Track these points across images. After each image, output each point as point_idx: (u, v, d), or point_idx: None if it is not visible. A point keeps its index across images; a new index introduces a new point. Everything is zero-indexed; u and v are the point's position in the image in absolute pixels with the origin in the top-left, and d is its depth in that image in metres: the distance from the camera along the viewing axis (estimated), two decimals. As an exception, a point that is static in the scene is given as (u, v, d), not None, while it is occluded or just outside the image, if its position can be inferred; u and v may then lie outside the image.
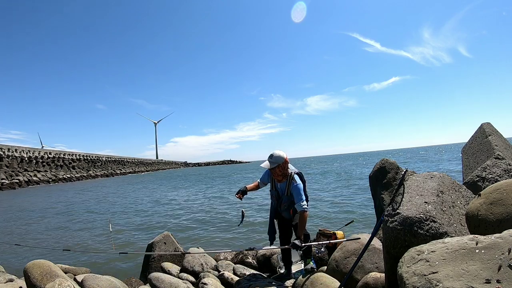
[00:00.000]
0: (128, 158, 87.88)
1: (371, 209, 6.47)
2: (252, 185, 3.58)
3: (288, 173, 3.32)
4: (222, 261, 4.53)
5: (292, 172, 3.33)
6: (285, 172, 3.30)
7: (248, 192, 3.47)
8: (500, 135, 4.23)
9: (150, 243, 4.81)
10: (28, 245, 7.52)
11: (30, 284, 3.13)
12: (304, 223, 3.17)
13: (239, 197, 3.39)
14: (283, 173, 3.30)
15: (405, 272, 1.57)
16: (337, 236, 4.12)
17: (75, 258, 6.22)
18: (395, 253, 2.04)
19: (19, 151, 43.01)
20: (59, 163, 50.07)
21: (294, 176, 3.30)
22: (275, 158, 3.24)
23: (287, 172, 3.32)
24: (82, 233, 8.77)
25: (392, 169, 3.90)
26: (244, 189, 3.44)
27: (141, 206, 14.38)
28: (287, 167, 3.31)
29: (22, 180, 36.22)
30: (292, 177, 3.29)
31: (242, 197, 3.40)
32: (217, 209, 11.59)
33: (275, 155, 3.25)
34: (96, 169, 61.28)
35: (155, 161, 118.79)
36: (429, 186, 2.30)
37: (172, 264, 4.47)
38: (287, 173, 3.32)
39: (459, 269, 1.43)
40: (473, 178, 3.44)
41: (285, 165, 3.28)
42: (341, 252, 3.21)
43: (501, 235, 1.48)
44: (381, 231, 2.84)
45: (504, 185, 1.99)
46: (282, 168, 3.26)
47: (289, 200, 3.31)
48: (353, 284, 2.72)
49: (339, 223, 6.93)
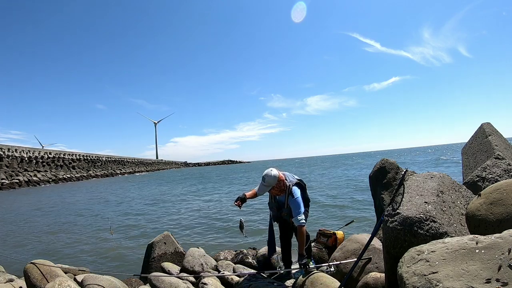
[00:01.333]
0: (128, 158, 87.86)
1: (371, 209, 6.48)
2: (251, 192, 3.45)
3: (285, 186, 3.25)
4: (222, 261, 4.53)
5: (290, 185, 3.25)
6: (282, 188, 3.25)
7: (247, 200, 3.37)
8: (500, 135, 4.23)
9: (150, 243, 4.80)
10: (29, 244, 7.53)
11: (30, 284, 3.13)
12: (303, 239, 3.10)
13: (238, 204, 3.27)
14: (280, 189, 3.25)
15: (405, 272, 1.57)
16: (337, 236, 4.12)
17: (75, 258, 6.22)
18: (395, 253, 2.04)
19: (19, 151, 43.00)
20: (59, 163, 50.06)
21: (293, 188, 3.23)
22: (268, 181, 3.19)
23: (285, 186, 3.25)
24: (83, 233, 8.77)
25: (392, 169, 3.90)
26: (243, 196, 3.30)
27: (141, 206, 14.38)
28: (283, 183, 3.25)
29: (22, 180, 36.21)
30: (291, 190, 3.22)
31: (241, 205, 3.29)
32: (217, 209, 11.59)
33: (267, 179, 3.19)
34: (96, 169, 61.27)
35: (155, 161, 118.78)
36: (429, 186, 2.30)
37: (172, 264, 4.47)
38: (285, 187, 3.26)
39: (459, 269, 1.43)
40: (473, 178, 3.44)
41: (280, 183, 3.22)
42: (341, 252, 3.21)
43: (501, 235, 1.48)
44: (381, 231, 2.84)
45: (504, 185, 1.99)
46: (278, 186, 3.22)
47: (290, 211, 3.26)
48: (353, 284, 2.72)
49: (339, 223, 6.93)
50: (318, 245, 4.15)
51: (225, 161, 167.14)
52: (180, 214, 11.23)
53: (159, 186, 28.28)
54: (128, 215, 11.83)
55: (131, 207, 14.23)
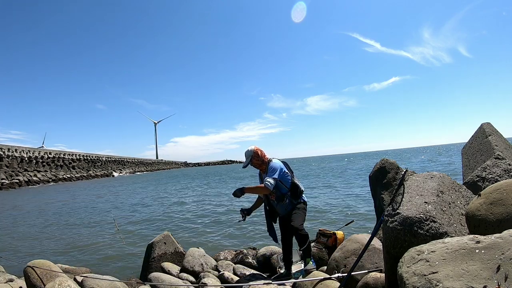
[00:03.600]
0: (128, 158, 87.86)
1: (371, 209, 6.47)
2: (256, 203, 3.70)
3: (266, 160, 3.48)
4: (222, 261, 4.53)
5: (271, 158, 3.50)
6: (263, 160, 3.47)
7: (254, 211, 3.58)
8: (500, 135, 4.23)
9: (150, 243, 4.80)
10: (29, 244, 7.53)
11: (30, 284, 3.13)
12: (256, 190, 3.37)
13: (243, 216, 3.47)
14: (262, 161, 3.47)
15: (405, 272, 1.57)
16: (337, 236, 4.12)
17: (75, 258, 6.22)
18: (395, 253, 2.04)
19: (19, 151, 42.99)
20: (59, 163, 50.07)
21: (272, 159, 3.48)
22: (246, 154, 3.49)
23: (265, 159, 3.48)
24: (83, 233, 8.77)
25: (392, 169, 3.90)
26: (250, 208, 3.57)
27: (141, 206, 14.38)
28: (263, 156, 3.48)
29: (22, 180, 36.22)
30: (270, 160, 3.46)
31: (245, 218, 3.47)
32: (217, 209, 11.59)
33: (245, 152, 3.50)
34: (96, 169, 61.27)
35: (155, 161, 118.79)
36: (429, 186, 2.30)
37: (172, 264, 4.47)
38: (266, 160, 3.47)
39: (459, 269, 1.43)
40: (473, 178, 3.44)
41: (258, 154, 3.46)
42: (341, 252, 3.21)
43: (501, 235, 1.48)
44: (381, 231, 2.84)
45: (504, 185, 1.99)
46: (258, 158, 3.47)
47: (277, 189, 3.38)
48: (353, 284, 2.72)
49: (339, 223, 6.93)
50: (318, 245, 4.14)
51: (225, 161, 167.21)
52: (180, 214, 11.23)
53: (159, 186, 28.28)
54: (128, 215, 11.83)
55: (131, 207, 14.22)
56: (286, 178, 3.42)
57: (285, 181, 3.41)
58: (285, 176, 3.41)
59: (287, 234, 3.58)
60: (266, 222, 3.67)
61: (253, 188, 3.37)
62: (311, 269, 3.29)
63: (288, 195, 3.42)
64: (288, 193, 3.42)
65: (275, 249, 4.62)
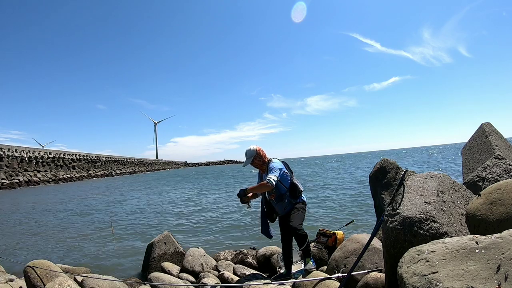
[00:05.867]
0: (128, 158, 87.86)
1: (371, 209, 6.47)
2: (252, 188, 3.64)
3: (267, 160, 3.52)
4: (222, 261, 4.53)
5: (271, 158, 3.54)
6: (264, 160, 3.51)
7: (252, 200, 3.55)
8: (500, 135, 4.23)
9: (150, 243, 4.81)
10: (29, 244, 7.53)
11: (30, 284, 3.13)
12: (259, 188, 3.32)
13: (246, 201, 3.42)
14: (263, 161, 3.51)
15: (405, 272, 1.57)
16: (337, 236, 4.12)
17: (75, 258, 6.22)
18: (395, 253, 2.04)
19: (19, 151, 42.99)
20: (59, 163, 50.06)
21: (272, 159, 3.52)
22: (248, 153, 3.51)
23: (266, 160, 3.52)
24: (83, 233, 8.77)
25: (392, 169, 3.90)
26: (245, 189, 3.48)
27: (141, 206, 14.38)
28: (264, 156, 3.52)
29: (22, 180, 36.21)
30: (270, 160, 3.49)
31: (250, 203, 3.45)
32: (217, 209, 11.59)
33: (247, 151, 3.52)
34: (96, 169, 61.27)
35: (155, 161, 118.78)
36: (429, 186, 2.30)
37: (172, 264, 4.47)
38: (266, 161, 3.51)
39: (459, 269, 1.43)
40: (473, 178, 3.44)
41: (260, 155, 3.50)
42: (341, 252, 3.21)
43: (501, 235, 1.48)
44: (381, 231, 2.84)
45: (504, 185, 1.99)
46: (259, 158, 3.50)
47: (277, 189, 3.40)
48: (353, 284, 2.72)
49: (339, 223, 6.93)
50: (318, 245, 4.15)
51: (224, 161, 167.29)
52: (180, 214, 11.22)
53: (159, 186, 28.27)
54: (128, 214, 11.83)
55: (131, 206, 14.22)
56: (285, 178, 3.43)
57: (284, 181, 3.42)
58: (284, 176, 3.43)
59: (287, 234, 3.58)
60: (261, 222, 3.68)
61: (256, 187, 3.35)
62: (311, 269, 3.29)
63: (287, 195, 3.43)
64: (287, 193, 3.43)
65: (275, 249, 4.62)
